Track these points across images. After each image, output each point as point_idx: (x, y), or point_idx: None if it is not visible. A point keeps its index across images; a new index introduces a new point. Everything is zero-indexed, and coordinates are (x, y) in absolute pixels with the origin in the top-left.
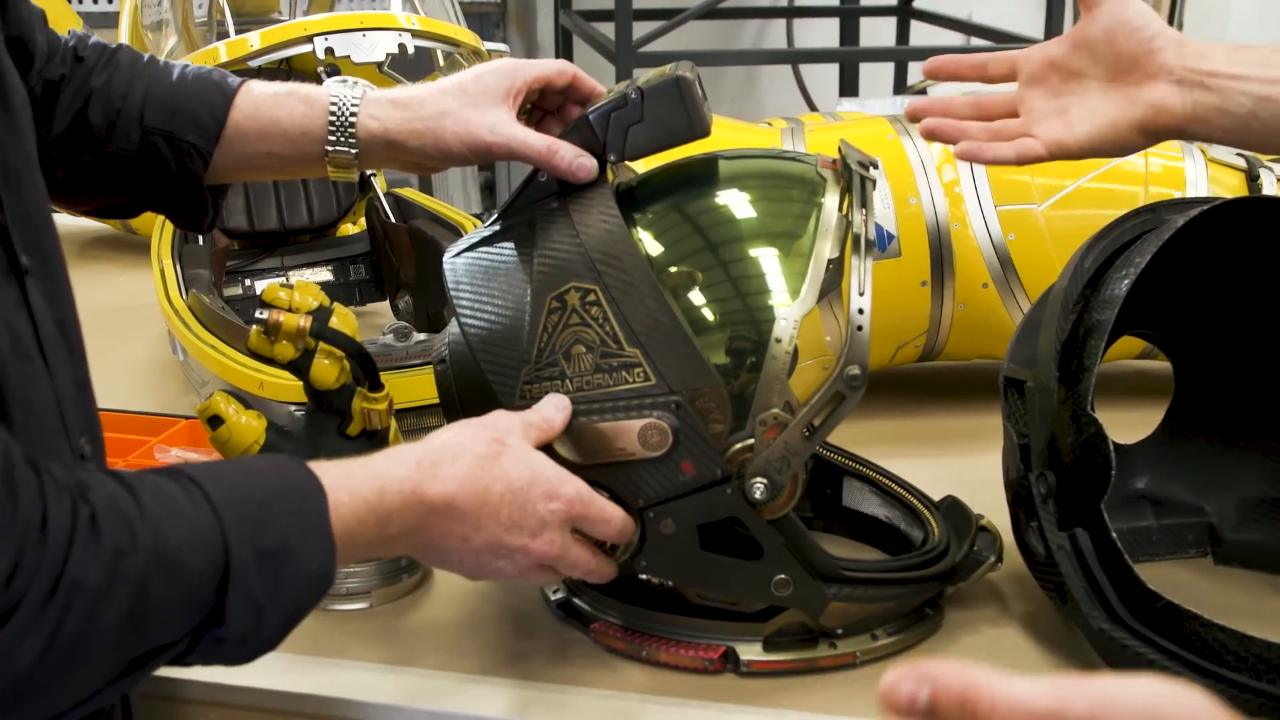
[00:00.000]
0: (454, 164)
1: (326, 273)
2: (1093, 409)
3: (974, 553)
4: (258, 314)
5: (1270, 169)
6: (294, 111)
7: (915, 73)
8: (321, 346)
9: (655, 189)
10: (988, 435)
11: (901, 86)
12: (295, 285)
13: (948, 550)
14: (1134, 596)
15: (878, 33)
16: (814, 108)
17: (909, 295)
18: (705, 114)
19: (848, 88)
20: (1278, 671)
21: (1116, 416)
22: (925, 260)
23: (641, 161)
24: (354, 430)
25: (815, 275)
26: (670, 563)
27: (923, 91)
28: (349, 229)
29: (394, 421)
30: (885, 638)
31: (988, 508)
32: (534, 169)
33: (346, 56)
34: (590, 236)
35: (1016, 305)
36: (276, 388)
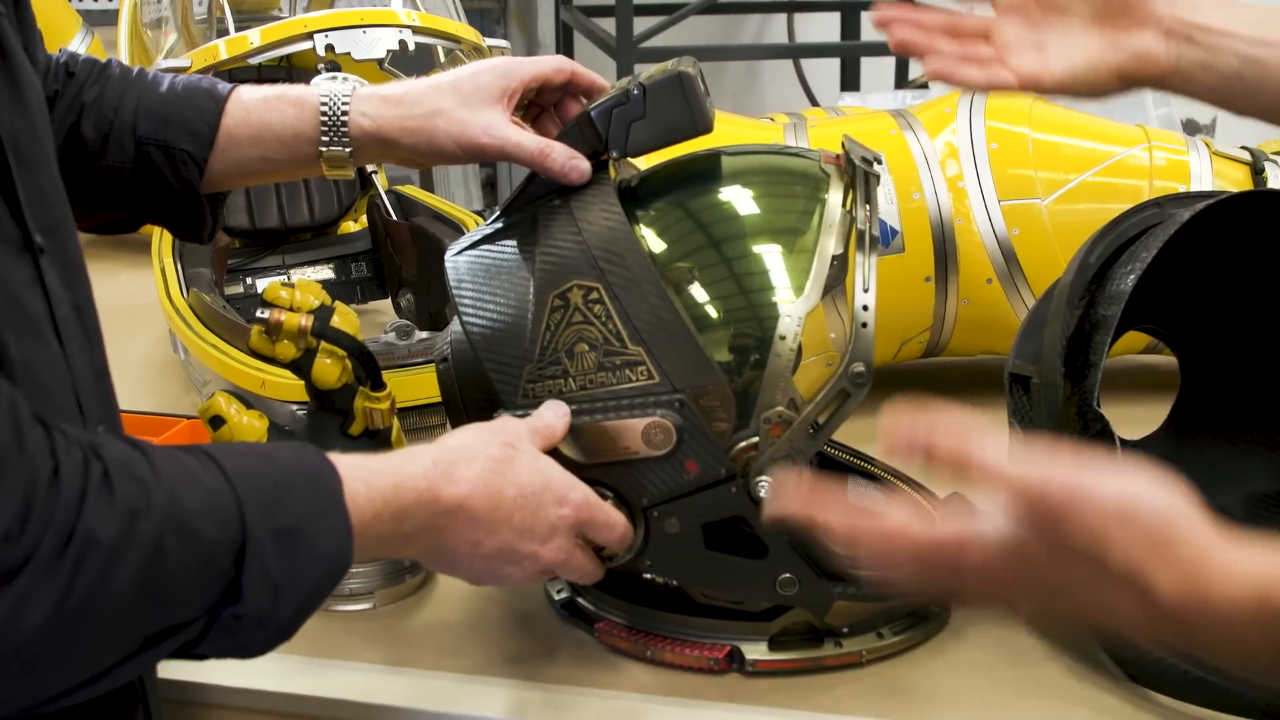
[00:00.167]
0: (448, 162)
1: (328, 270)
2: (1098, 405)
3: None
4: (259, 313)
5: (1275, 162)
6: (285, 114)
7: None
8: (323, 346)
9: (658, 185)
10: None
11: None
12: (296, 284)
13: None
14: None
15: None
16: (815, 102)
17: (913, 291)
18: (708, 110)
19: (849, 82)
20: None
21: (1122, 412)
22: (929, 256)
23: (644, 158)
24: (356, 430)
25: (819, 272)
26: (674, 562)
27: (924, 86)
28: (350, 226)
29: (396, 420)
30: (891, 636)
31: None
32: None
33: (347, 53)
34: (592, 234)
35: (1021, 301)
36: (278, 387)
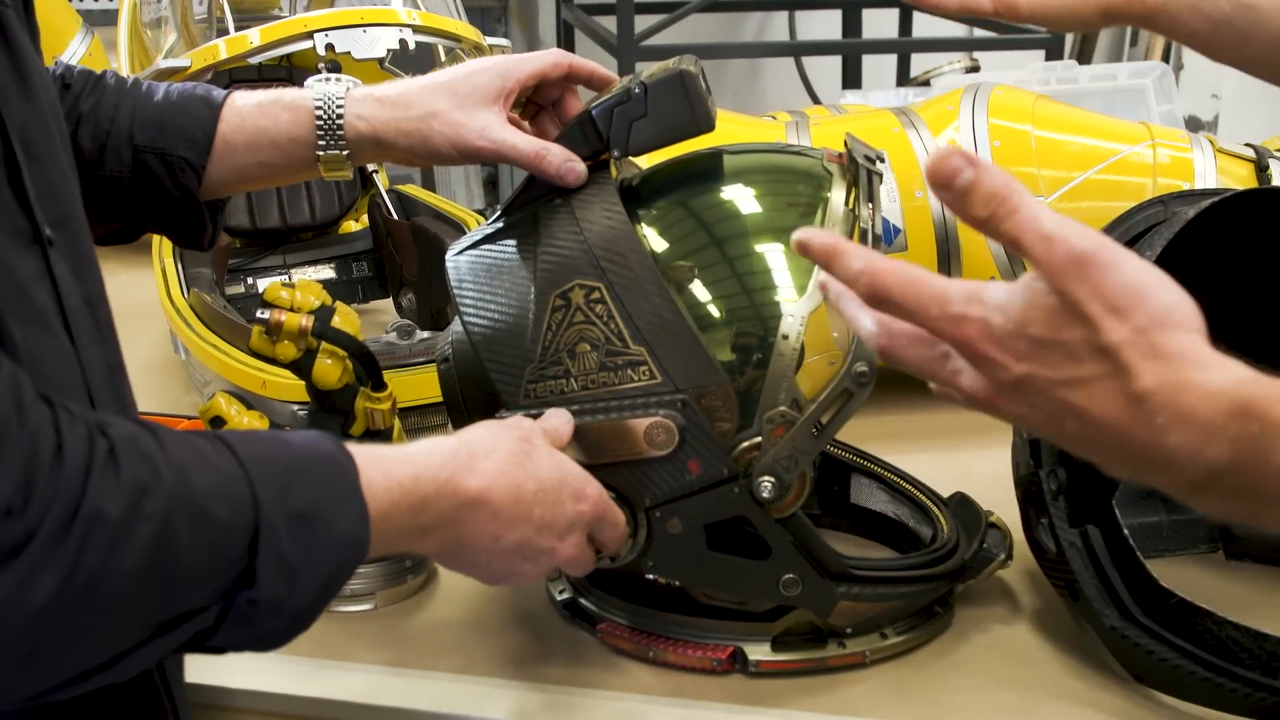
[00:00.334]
0: (444, 164)
1: (329, 270)
2: None
3: (984, 550)
4: (259, 313)
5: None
6: (280, 120)
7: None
8: (324, 346)
9: (659, 184)
10: (997, 431)
11: (905, 78)
12: (297, 284)
13: (957, 548)
14: (1146, 593)
15: (880, 24)
16: (817, 100)
17: None
18: (709, 108)
19: (850, 80)
20: None
21: None
22: (932, 254)
23: (645, 156)
24: (357, 430)
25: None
26: (677, 562)
27: (926, 83)
28: (351, 226)
29: (398, 421)
30: (895, 636)
31: (997, 504)
32: None
33: (347, 52)
34: (594, 233)
35: None
36: (279, 387)
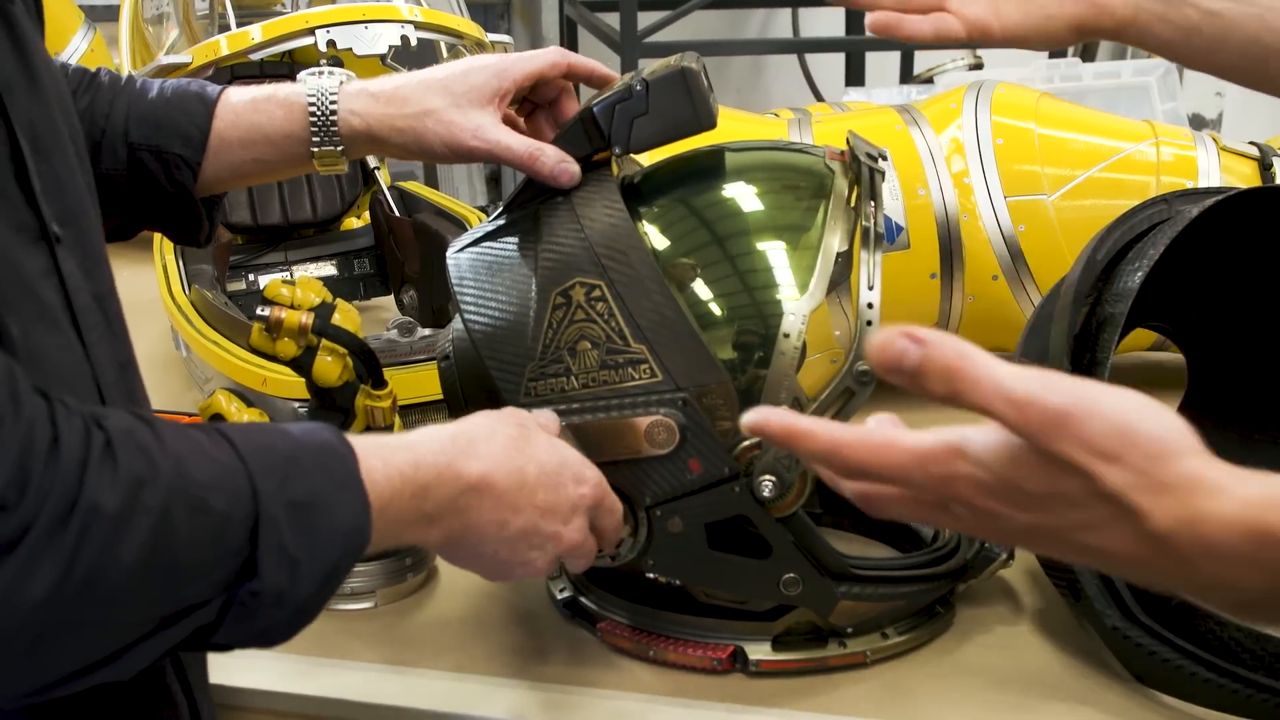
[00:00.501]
0: (438, 161)
1: (330, 267)
2: None
3: (985, 549)
4: (259, 311)
5: None
6: (274, 117)
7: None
8: (324, 343)
9: (661, 182)
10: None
11: (908, 75)
12: (297, 281)
13: (959, 547)
14: (1148, 593)
15: None
16: (820, 97)
17: (918, 288)
18: (711, 105)
19: (854, 77)
20: None
21: None
22: (934, 252)
23: (647, 154)
24: (358, 428)
25: (824, 269)
26: (677, 561)
27: (929, 81)
28: (353, 223)
29: (398, 418)
30: (896, 636)
31: None
32: None
33: (349, 49)
34: (595, 231)
35: (1027, 297)
36: (280, 384)
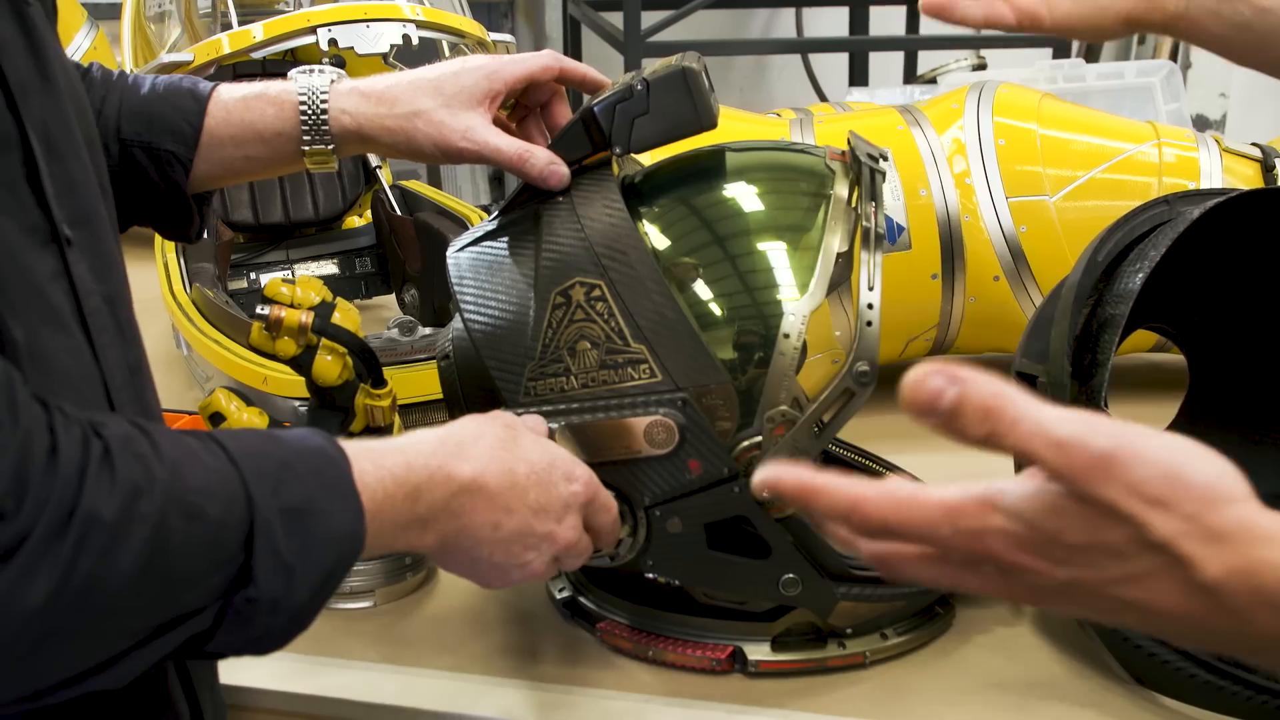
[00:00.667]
0: (428, 162)
1: (332, 266)
2: (1106, 404)
3: None
4: (259, 309)
5: None
6: (265, 115)
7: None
8: (324, 342)
9: (661, 181)
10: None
11: (912, 76)
12: (297, 280)
13: None
14: None
15: (887, 22)
16: (823, 97)
17: (919, 288)
18: (712, 105)
19: (857, 77)
20: None
21: (1130, 411)
22: (936, 253)
23: (648, 154)
24: (357, 427)
25: (824, 269)
26: (677, 562)
27: (933, 81)
28: (355, 221)
29: (398, 417)
30: (895, 637)
31: None
32: None
33: (350, 48)
34: (595, 230)
35: (1028, 298)
36: (280, 383)
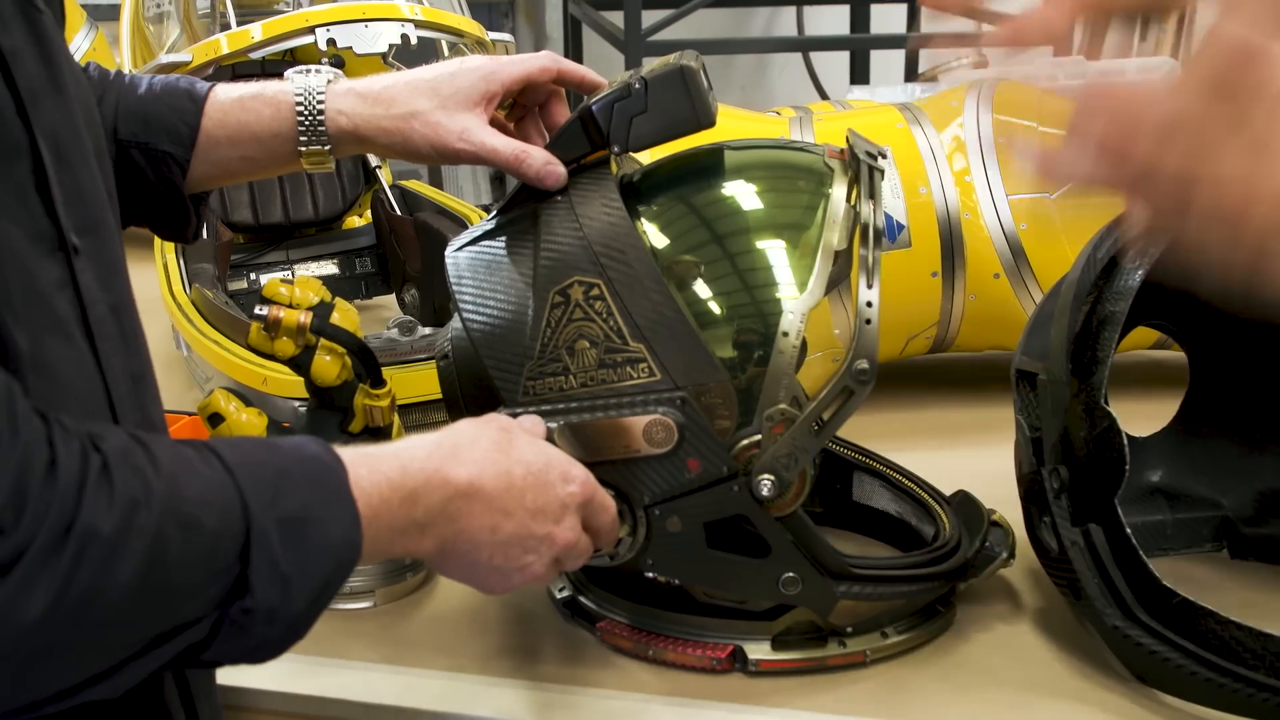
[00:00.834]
0: (424, 163)
1: (332, 266)
2: (1106, 402)
3: (986, 549)
4: (257, 310)
5: None
6: (261, 115)
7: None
8: (322, 342)
9: (660, 180)
10: (999, 428)
11: (913, 74)
12: (296, 280)
13: (959, 546)
14: (1149, 593)
15: (888, 20)
16: (825, 96)
17: (919, 286)
18: (710, 104)
19: (859, 75)
20: None
21: (1130, 408)
22: (936, 250)
23: (647, 152)
24: (356, 427)
25: (823, 267)
26: (676, 561)
27: (934, 79)
28: (354, 221)
29: (397, 417)
30: (896, 636)
31: (1000, 502)
32: None
33: (349, 47)
34: (593, 229)
35: (1029, 296)
36: (280, 383)
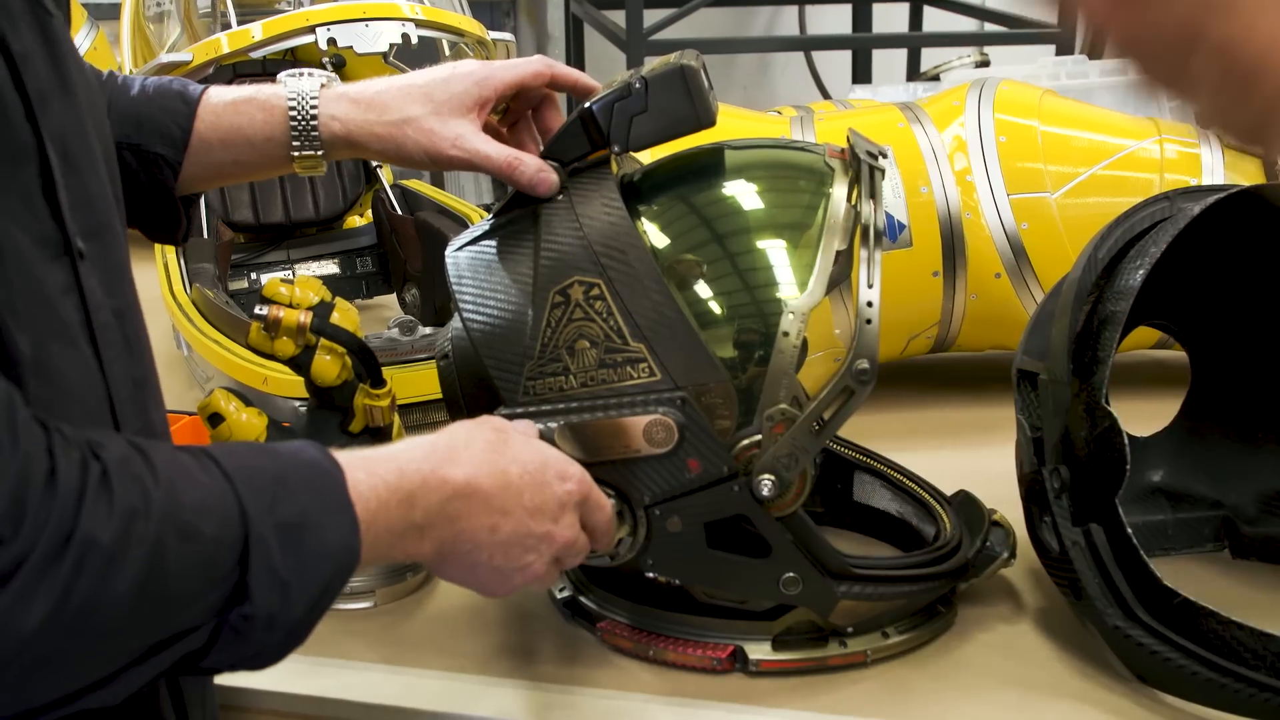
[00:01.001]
0: (418, 168)
1: (333, 265)
2: (1107, 402)
3: (987, 548)
4: (257, 310)
5: None
6: (254, 119)
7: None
8: (323, 342)
9: (660, 180)
10: (1000, 428)
11: (915, 73)
12: (296, 280)
13: (960, 546)
14: (1150, 593)
15: (890, 19)
16: (827, 95)
17: (920, 286)
18: (710, 103)
19: (860, 74)
20: None
21: (1131, 408)
22: (937, 250)
23: (647, 152)
24: (356, 427)
25: (823, 267)
26: (677, 561)
27: (936, 78)
28: (355, 221)
29: (397, 417)
30: (896, 636)
31: (1001, 502)
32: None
33: (349, 47)
34: (593, 229)
35: (1030, 295)
36: (281, 383)
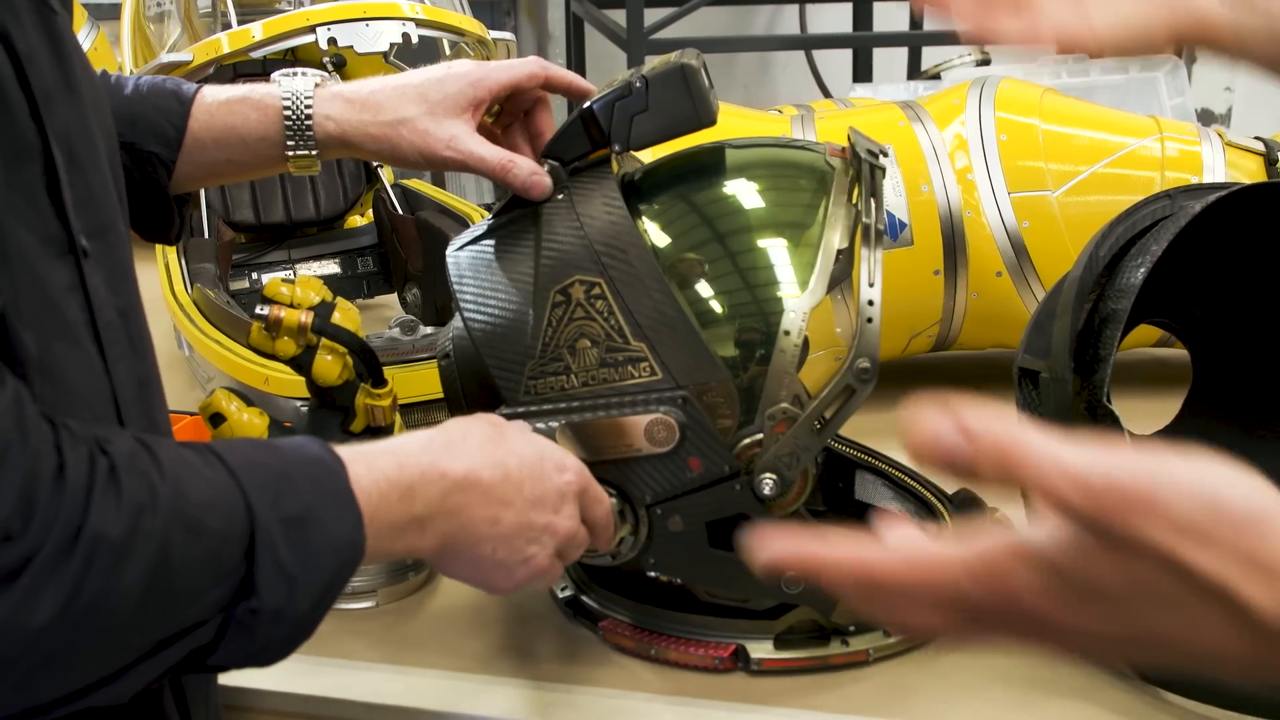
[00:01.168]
0: (412, 169)
1: (334, 265)
2: (1109, 400)
3: None
4: (258, 310)
5: None
6: (249, 119)
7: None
8: (324, 342)
9: (661, 179)
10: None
11: (916, 71)
12: (297, 280)
13: None
14: None
15: (891, 18)
16: (827, 93)
17: (921, 284)
18: (711, 102)
19: (861, 73)
20: None
21: (1133, 406)
22: (938, 248)
23: (648, 151)
24: (357, 427)
25: (824, 266)
26: (678, 560)
27: (936, 77)
28: (356, 221)
29: (398, 417)
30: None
31: (1001, 500)
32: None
33: (350, 46)
34: (594, 228)
35: (1031, 294)
36: (282, 383)
